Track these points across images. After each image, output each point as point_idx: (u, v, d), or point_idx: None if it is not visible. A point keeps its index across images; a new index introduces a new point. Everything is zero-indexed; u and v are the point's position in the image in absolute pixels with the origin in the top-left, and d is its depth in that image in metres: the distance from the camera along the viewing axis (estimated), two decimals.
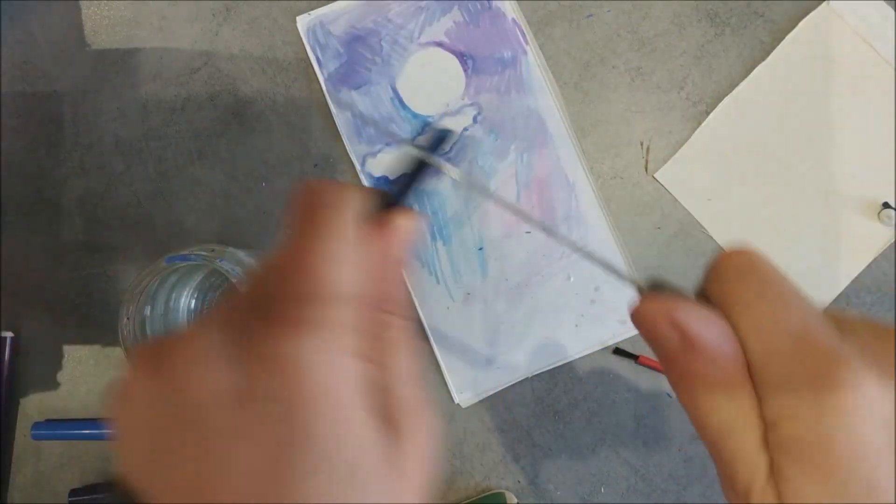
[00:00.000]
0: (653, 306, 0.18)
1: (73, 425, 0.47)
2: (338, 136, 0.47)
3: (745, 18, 0.46)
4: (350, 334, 0.17)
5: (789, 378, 0.16)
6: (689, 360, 0.17)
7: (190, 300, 0.45)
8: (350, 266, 0.18)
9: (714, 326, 0.17)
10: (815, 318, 0.17)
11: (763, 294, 0.17)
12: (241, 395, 0.16)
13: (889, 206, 0.44)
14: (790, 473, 0.16)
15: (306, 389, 0.16)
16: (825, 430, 0.15)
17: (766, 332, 0.17)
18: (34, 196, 0.48)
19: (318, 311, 0.17)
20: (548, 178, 0.46)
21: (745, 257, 0.18)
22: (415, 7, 0.47)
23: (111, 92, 0.48)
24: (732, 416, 0.17)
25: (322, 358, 0.16)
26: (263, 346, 0.16)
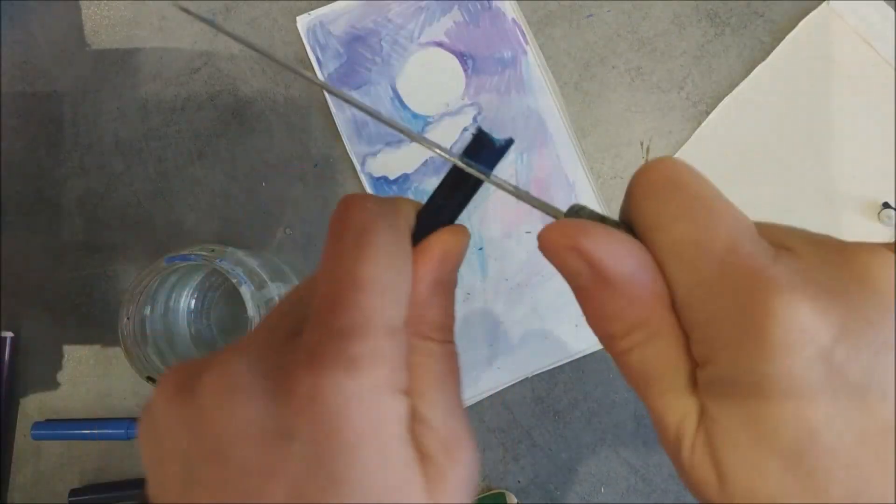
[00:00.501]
0: (558, 233, 0.15)
1: (73, 425, 0.47)
2: (338, 136, 0.47)
3: (745, 18, 0.46)
4: (392, 369, 0.16)
5: (715, 309, 0.14)
6: (603, 296, 0.15)
7: (190, 300, 0.45)
8: (395, 295, 0.17)
9: (629, 255, 0.15)
10: (745, 236, 0.14)
11: (684, 211, 0.15)
12: (274, 432, 0.15)
13: (889, 206, 0.44)
14: (721, 419, 0.14)
15: (344, 432, 0.15)
16: (754, 368, 0.13)
17: (688, 257, 0.14)
18: (34, 196, 0.48)
19: (358, 345, 0.15)
20: (548, 178, 0.46)
21: (664, 169, 0.16)
22: (415, 7, 0.47)
23: (111, 92, 0.48)
24: (656, 357, 0.15)
25: (361, 399, 0.15)
26: (299, 383, 0.15)
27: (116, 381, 0.47)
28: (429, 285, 0.18)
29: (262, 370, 0.16)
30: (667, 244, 0.15)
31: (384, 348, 0.16)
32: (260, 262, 0.41)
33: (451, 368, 0.18)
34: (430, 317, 0.18)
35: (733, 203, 0.15)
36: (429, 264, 0.18)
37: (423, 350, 0.18)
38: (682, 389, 0.15)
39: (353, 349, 0.15)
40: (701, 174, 0.15)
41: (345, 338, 0.15)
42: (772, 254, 0.14)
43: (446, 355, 0.18)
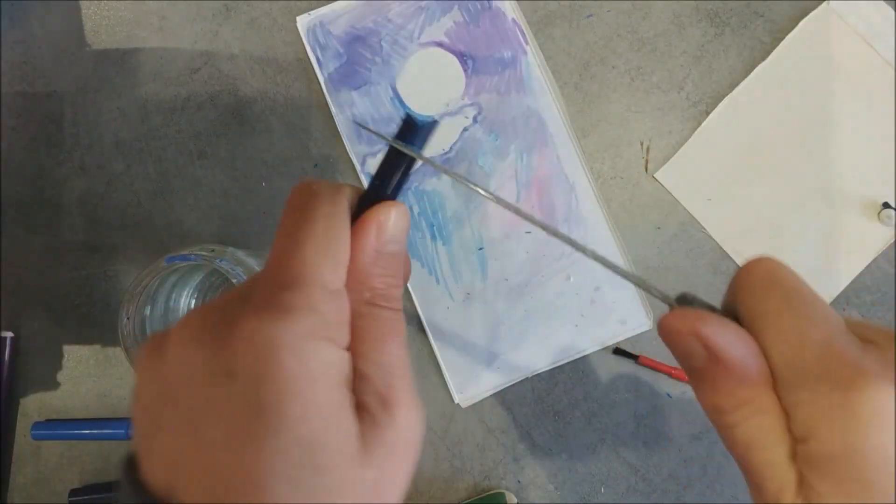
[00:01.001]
0: (679, 320, 0.18)
1: (73, 425, 0.47)
2: (338, 136, 0.47)
3: (745, 18, 0.46)
4: (327, 321, 0.18)
5: (814, 392, 0.16)
6: (716, 376, 0.18)
7: (190, 300, 0.45)
8: (329, 256, 0.19)
9: (740, 341, 0.17)
10: (839, 330, 0.17)
11: (787, 306, 0.17)
12: (217, 372, 0.17)
13: (889, 206, 0.44)
14: (819, 487, 0.16)
15: (275, 368, 0.16)
16: (848, 440, 0.15)
17: (791, 346, 0.17)
18: (34, 196, 0.48)
19: (294, 296, 0.18)
20: (548, 178, 0.46)
21: (767, 268, 0.18)
22: (415, 7, 0.47)
23: (111, 92, 0.48)
24: (759, 430, 0.17)
25: (294, 340, 0.17)
26: (240, 328, 0.17)
27: (116, 381, 0.47)
28: (368, 254, 0.20)
29: (211, 322, 0.18)
30: (772, 332, 0.17)
31: (318, 302, 0.18)
32: (260, 262, 0.41)
33: (393, 331, 0.20)
34: (372, 284, 0.20)
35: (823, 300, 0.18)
36: (363, 234, 0.20)
37: (367, 314, 0.19)
38: (782, 460, 0.17)
39: (288, 298, 0.17)
40: (797, 274, 0.18)
41: (281, 289, 0.18)
42: (861, 346, 0.17)
43: (390, 320, 0.20)
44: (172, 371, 0.18)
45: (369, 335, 0.19)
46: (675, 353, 0.19)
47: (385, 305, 0.20)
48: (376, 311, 0.20)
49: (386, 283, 0.20)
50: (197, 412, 0.17)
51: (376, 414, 0.18)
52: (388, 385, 0.18)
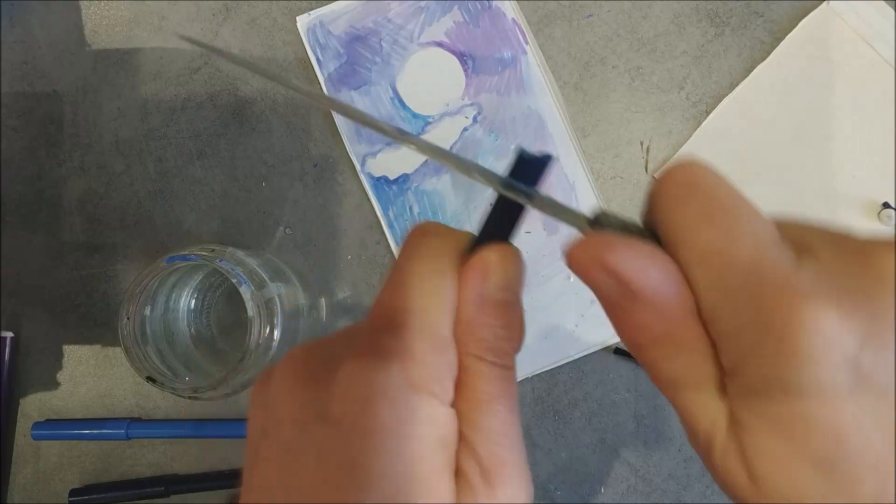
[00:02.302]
0: (582, 250, 0.16)
1: (73, 425, 0.47)
2: (338, 136, 0.47)
3: (745, 18, 0.46)
4: (429, 372, 0.17)
5: (742, 319, 0.14)
6: (631, 310, 0.15)
7: (190, 300, 0.45)
8: (434, 299, 0.17)
9: (655, 269, 0.15)
10: (769, 241, 0.14)
11: (707, 218, 0.15)
12: (313, 414, 0.16)
13: (889, 206, 0.44)
14: (751, 425, 0.14)
15: (368, 418, 0.16)
16: (781, 374, 0.13)
17: (713, 267, 0.14)
18: (34, 196, 0.48)
19: (394, 341, 0.16)
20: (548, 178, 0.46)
21: (686, 173, 0.16)
22: (415, 7, 0.47)
23: (111, 92, 0.48)
24: (685, 366, 0.15)
25: (391, 388, 0.16)
26: (341, 370, 0.16)
27: (116, 381, 0.47)
28: (474, 301, 0.18)
29: (316, 359, 0.17)
30: (691, 254, 0.15)
31: (419, 350, 0.17)
32: (260, 262, 0.41)
33: (501, 393, 0.18)
34: (479, 335, 0.18)
35: (754, 204, 0.15)
36: (469, 277, 0.18)
37: (471, 370, 0.18)
38: (711, 396, 0.15)
39: (387, 344, 0.16)
40: (722, 177, 0.16)
41: (382, 334, 0.17)
42: (794, 259, 0.14)
43: (497, 379, 0.18)
44: (273, 405, 0.17)
45: (474, 394, 0.17)
46: (588, 286, 0.16)
47: (491, 361, 0.18)
48: (482, 366, 0.18)
49: (494, 334, 0.18)
50: (290, 452, 0.16)
51: (475, 485, 0.16)
52: (490, 453, 0.17)
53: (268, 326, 0.38)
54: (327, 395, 0.16)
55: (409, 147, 0.19)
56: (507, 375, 0.18)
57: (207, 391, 0.37)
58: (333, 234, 0.47)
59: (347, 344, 0.17)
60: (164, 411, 0.47)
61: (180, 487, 0.46)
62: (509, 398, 0.18)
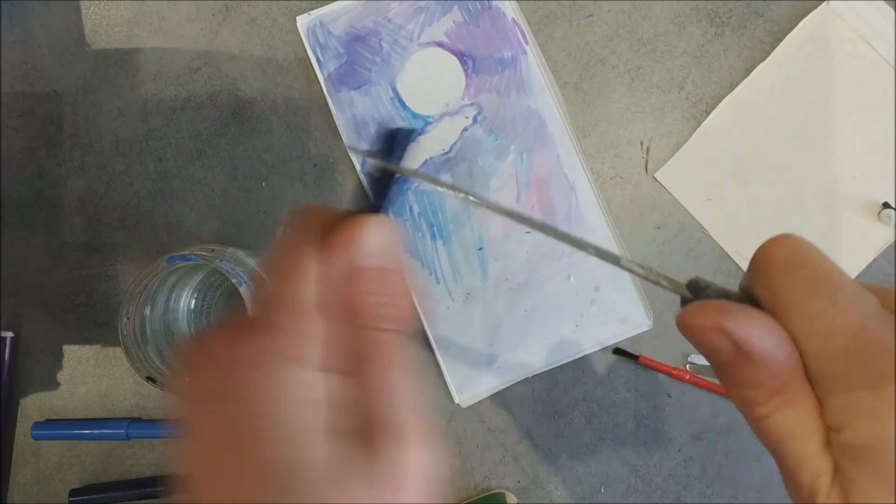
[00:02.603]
0: (700, 315, 0.17)
1: (73, 425, 0.47)
2: (338, 136, 0.47)
3: (745, 18, 0.46)
4: (292, 340, 0.17)
5: (848, 380, 0.16)
6: (744, 370, 0.17)
7: (190, 300, 0.45)
8: (295, 273, 0.18)
9: (767, 333, 0.16)
10: (871, 311, 0.16)
11: (814, 290, 0.16)
12: (204, 392, 0.17)
13: (889, 206, 0.44)
14: (855, 477, 0.15)
15: (237, 387, 0.17)
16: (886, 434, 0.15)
17: (821, 333, 0.16)
18: (34, 196, 0.48)
19: (272, 318, 0.18)
20: (548, 178, 0.46)
21: (790, 248, 0.17)
22: (415, 7, 0.47)
23: (111, 92, 0.48)
24: (792, 421, 0.17)
25: (253, 358, 0.17)
26: (213, 349, 0.18)
27: (116, 381, 0.47)
28: (339, 269, 0.18)
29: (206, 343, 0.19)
30: (800, 319, 0.16)
31: (278, 320, 0.18)
32: (260, 262, 0.41)
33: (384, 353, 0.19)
34: (352, 303, 0.18)
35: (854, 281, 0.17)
36: (332, 248, 0.19)
37: (354, 336, 0.19)
38: (816, 449, 0.16)
39: (251, 319, 0.18)
40: (821, 251, 0.17)
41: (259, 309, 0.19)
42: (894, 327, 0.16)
43: (379, 342, 0.19)
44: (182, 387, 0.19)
45: (357, 358, 0.18)
46: (697, 347, 0.17)
47: (374, 326, 0.19)
48: (364, 332, 0.19)
49: (371, 301, 0.19)
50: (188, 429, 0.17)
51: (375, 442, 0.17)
52: (385, 411, 0.18)
53: None
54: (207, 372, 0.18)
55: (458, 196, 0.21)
56: (390, 338, 0.19)
57: None
58: None
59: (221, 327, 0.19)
60: (164, 411, 0.47)
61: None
62: (395, 359, 0.18)
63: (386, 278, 0.19)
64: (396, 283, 0.19)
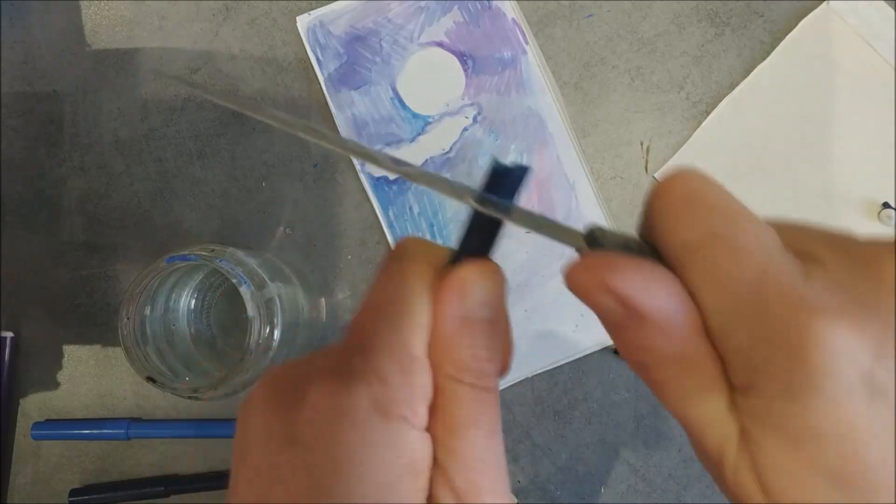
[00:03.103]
0: (585, 273, 0.15)
1: (73, 425, 0.47)
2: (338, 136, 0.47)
3: (745, 18, 0.46)
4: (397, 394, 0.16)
5: (751, 335, 0.14)
6: (637, 331, 0.15)
7: (190, 300, 0.45)
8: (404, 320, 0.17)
9: (660, 289, 0.14)
10: (775, 254, 0.14)
11: (709, 232, 0.14)
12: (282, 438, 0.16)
13: (889, 206, 0.44)
14: (763, 442, 0.14)
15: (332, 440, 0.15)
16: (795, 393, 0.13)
17: (719, 284, 0.14)
18: (34, 196, 0.48)
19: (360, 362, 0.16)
20: (548, 178, 0.46)
21: (681, 186, 0.15)
22: (415, 7, 0.47)
23: (111, 92, 0.48)
24: (693, 385, 0.15)
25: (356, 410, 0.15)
26: (306, 392, 0.16)
27: (116, 381, 0.47)
28: (449, 320, 0.17)
29: (287, 381, 0.17)
30: (696, 269, 0.14)
31: (386, 370, 0.16)
32: (260, 262, 0.41)
33: (479, 416, 0.17)
34: (456, 356, 0.17)
35: (755, 214, 0.15)
36: (445, 297, 0.17)
37: (447, 392, 0.17)
38: (721, 412, 0.15)
39: (353, 365, 0.16)
40: (720, 186, 0.15)
41: (349, 355, 0.16)
42: (802, 271, 0.14)
43: (475, 401, 0.17)
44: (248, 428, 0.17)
45: (449, 418, 0.16)
46: (590, 308, 0.15)
47: (469, 382, 0.17)
48: (458, 388, 0.17)
49: (472, 355, 0.17)
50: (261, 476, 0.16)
51: None
52: (465, 481, 0.16)
53: (268, 326, 0.38)
54: (296, 417, 0.16)
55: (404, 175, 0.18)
56: (486, 398, 0.17)
57: (207, 391, 0.37)
58: (333, 234, 0.47)
59: (319, 366, 0.17)
60: (164, 411, 0.47)
61: (180, 487, 0.46)
62: (488, 421, 0.17)
63: (494, 331, 0.18)
64: (501, 336, 0.18)
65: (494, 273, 0.18)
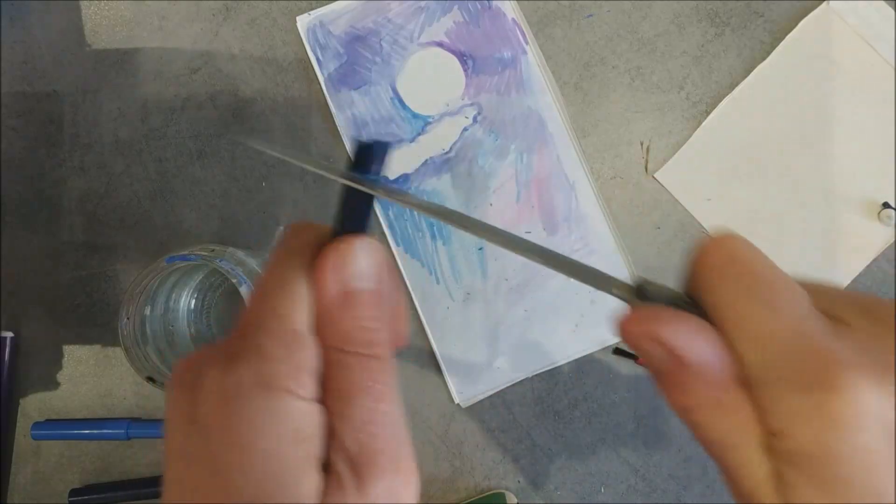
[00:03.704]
0: (635, 324, 0.17)
1: (73, 425, 0.47)
2: (338, 136, 0.47)
3: (745, 18, 0.46)
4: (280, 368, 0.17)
5: (785, 386, 0.15)
6: (680, 378, 0.17)
7: (190, 300, 0.45)
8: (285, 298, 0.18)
9: (703, 341, 0.16)
10: (808, 315, 0.16)
11: (749, 292, 0.16)
12: (187, 418, 0.17)
13: (889, 206, 0.44)
14: (795, 484, 0.15)
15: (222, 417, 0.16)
16: (826, 441, 0.15)
17: (756, 338, 0.16)
18: (34, 196, 0.48)
19: (245, 343, 0.17)
20: (548, 178, 0.46)
21: (724, 248, 0.17)
22: (415, 7, 0.47)
23: (111, 92, 0.48)
24: (730, 429, 0.16)
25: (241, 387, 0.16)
26: (201, 374, 0.17)
27: (116, 381, 0.47)
28: (331, 293, 0.18)
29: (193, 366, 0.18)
30: (735, 323, 0.16)
31: (266, 346, 0.17)
32: (260, 262, 0.41)
33: (368, 382, 0.18)
34: (340, 327, 0.18)
35: (790, 277, 0.16)
36: (319, 272, 0.18)
37: (334, 362, 0.18)
38: (756, 455, 0.16)
39: (239, 345, 0.17)
40: (758, 250, 0.17)
41: (238, 337, 0.18)
42: (832, 331, 0.16)
43: (363, 369, 0.18)
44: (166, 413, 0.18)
45: (338, 386, 0.17)
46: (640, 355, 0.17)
47: (359, 352, 0.18)
48: (346, 358, 0.18)
49: (358, 326, 0.18)
50: (174, 454, 0.17)
51: (345, 478, 0.16)
52: (358, 444, 0.17)
53: None
54: (194, 398, 0.17)
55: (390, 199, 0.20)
56: (375, 365, 0.18)
57: None
58: None
59: (215, 350, 0.18)
60: (163, 411, 0.47)
61: None
62: (380, 388, 0.18)
63: (379, 301, 0.19)
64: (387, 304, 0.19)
65: (369, 245, 0.19)
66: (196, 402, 0.17)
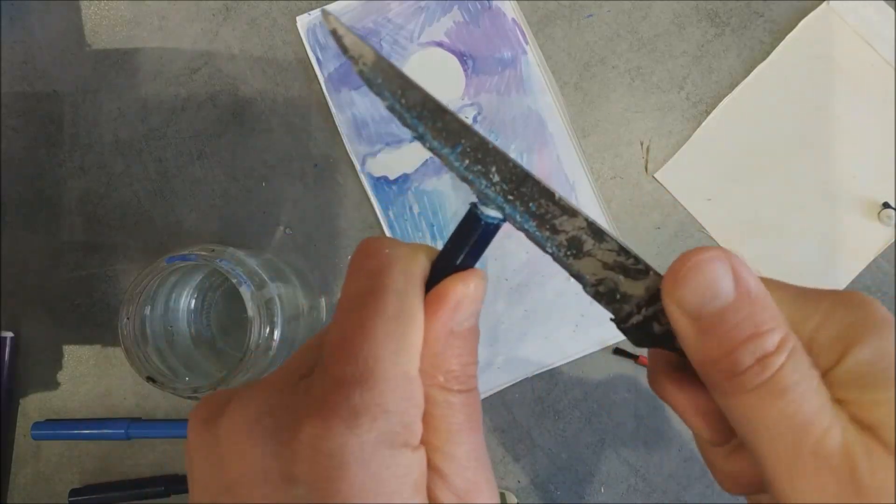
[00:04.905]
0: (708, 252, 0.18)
1: (73, 425, 0.47)
2: (338, 136, 0.47)
3: (745, 18, 0.46)
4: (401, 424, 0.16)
5: None
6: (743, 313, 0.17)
7: (190, 300, 0.45)
8: (402, 344, 0.16)
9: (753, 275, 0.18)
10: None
11: None
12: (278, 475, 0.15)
13: (889, 206, 0.44)
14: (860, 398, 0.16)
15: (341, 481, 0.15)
16: None
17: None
18: (34, 196, 0.48)
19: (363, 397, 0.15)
20: (548, 178, 0.46)
21: None
22: (415, 7, 0.47)
23: (111, 92, 0.48)
24: None
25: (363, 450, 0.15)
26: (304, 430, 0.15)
27: (116, 381, 0.47)
28: (441, 335, 0.17)
29: (272, 411, 0.16)
30: None
31: (390, 401, 0.16)
32: (260, 262, 0.41)
33: (470, 418, 0.17)
34: (446, 367, 0.17)
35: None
36: (439, 313, 0.17)
37: (440, 402, 0.17)
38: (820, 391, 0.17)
39: (356, 400, 0.15)
40: None
41: (348, 387, 0.15)
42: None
43: (465, 405, 0.17)
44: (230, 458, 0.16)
45: (444, 426, 0.17)
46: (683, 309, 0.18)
47: (460, 389, 0.17)
48: (451, 397, 0.17)
49: (461, 363, 0.17)
50: None
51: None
52: (466, 480, 0.16)
53: (268, 326, 0.38)
54: (291, 454, 0.15)
55: None
56: (472, 399, 0.17)
57: (207, 391, 0.37)
58: (333, 234, 0.47)
59: (307, 397, 0.16)
60: (164, 411, 0.47)
61: (180, 487, 0.46)
62: (477, 420, 0.17)
63: (477, 337, 0.18)
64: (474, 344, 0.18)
65: (483, 282, 0.18)
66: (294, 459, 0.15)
